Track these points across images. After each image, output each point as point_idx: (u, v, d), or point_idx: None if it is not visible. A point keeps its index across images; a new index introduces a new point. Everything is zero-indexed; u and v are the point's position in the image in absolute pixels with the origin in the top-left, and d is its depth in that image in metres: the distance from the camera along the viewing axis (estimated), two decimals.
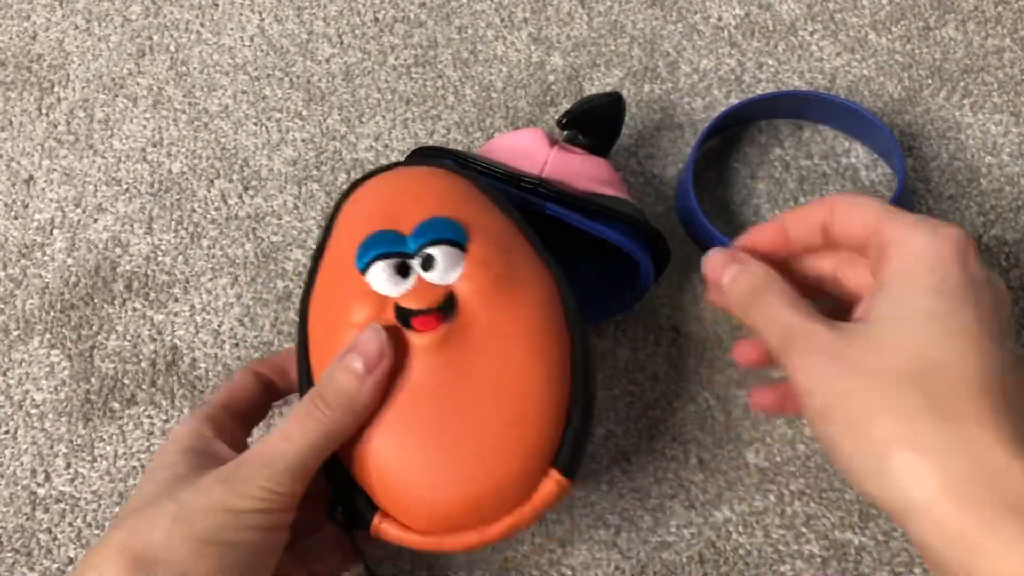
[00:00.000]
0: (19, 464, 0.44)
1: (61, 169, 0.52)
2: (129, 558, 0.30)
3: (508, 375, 0.33)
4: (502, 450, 0.33)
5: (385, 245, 0.34)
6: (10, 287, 0.49)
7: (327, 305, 0.35)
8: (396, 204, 0.36)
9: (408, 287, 0.34)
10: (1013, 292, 0.46)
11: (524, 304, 0.34)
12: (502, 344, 0.33)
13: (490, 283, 0.34)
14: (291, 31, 0.57)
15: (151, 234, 0.50)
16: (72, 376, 0.46)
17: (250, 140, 0.53)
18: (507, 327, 0.34)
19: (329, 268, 0.36)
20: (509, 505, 0.33)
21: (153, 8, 0.58)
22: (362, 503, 0.33)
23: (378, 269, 0.34)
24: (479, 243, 0.34)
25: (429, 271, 0.34)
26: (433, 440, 0.33)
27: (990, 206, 0.48)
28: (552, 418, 0.33)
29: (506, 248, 0.35)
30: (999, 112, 0.51)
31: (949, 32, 0.54)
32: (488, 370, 0.33)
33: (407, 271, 0.34)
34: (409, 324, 0.33)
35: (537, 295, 0.35)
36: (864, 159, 0.50)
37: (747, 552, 0.41)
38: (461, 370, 0.33)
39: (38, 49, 0.57)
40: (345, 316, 0.34)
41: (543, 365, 0.33)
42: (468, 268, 0.34)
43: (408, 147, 0.52)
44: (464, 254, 0.34)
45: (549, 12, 0.56)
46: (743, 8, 0.56)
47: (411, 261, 0.34)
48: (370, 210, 0.36)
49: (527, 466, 0.33)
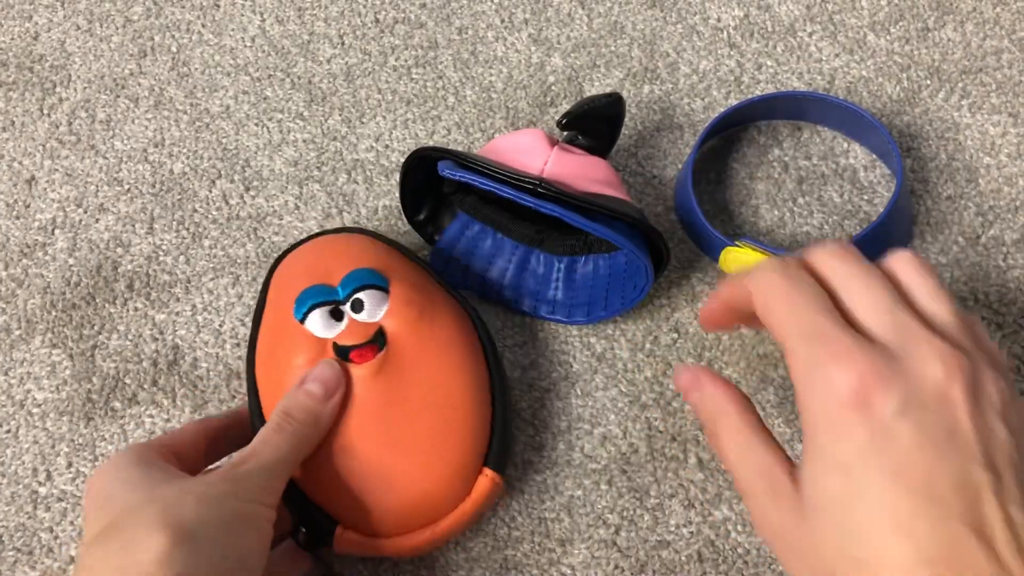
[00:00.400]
0: (20, 463, 0.45)
1: (63, 169, 0.53)
2: (170, 529, 0.30)
3: (437, 391, 0.39)
4: (440, 455, 0.38)
5: (319, 296, 0.39)
6: (12, 287, 0.49)
7: (272, 354, 0.40)
8: (323, 263, 0.41)
9: (342, 328, 0.39)
10: (1011, 293, 0.46)
11: (443, 331, 0.40)
12: (429, 366, 0.39)
13: (413, 317, 0.39)
14: (292, 32, 0.57)
15: (153, 234, 0.50)
16: (74, 375, 0.46)
17: (251, 140, 0.53)
18: (432, 352, 0.39)
19: (269, 323, 0.41)
20: (453, 503, 0.38)
21: (155, 9, 0.58)
22: (323, 519, 0.38)
23: (315, 316, 0.39)
24: (399, 285, 0.40)
25: (359, 312, 0.39)
26: (380, 453, 0.38)
27: (988, 206, 0.48)
28: (478, 424, 0.39)
29: (422, 288, 0.41)
30: (997, 113, 0.51)
31: (948, 33, 0.54)
32: (420, 389, 0.39)
33: (340, 315, 0.39)
34: (348, 358, 0.38)
35: (453, 323, 0.41)
36: (863, 160, 0.50)
37: (746, 551, 0.41)
38: (397, 391, 0.38)
39: (40, 49, 0.57)
40: (289, 361, 0.39)
41: (465, 380, 0.39)
42: (392, 306, 0.39)
43: (408, 148, 0.52)
44: (387, 295, 0.40)
45: (549, 13, 0.56)
46: (742, 9, 0.56)
47: (343, 307, 0.39)
48: (301, 271, 0.41)
49: (463, 467, 0.38)
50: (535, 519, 0.42)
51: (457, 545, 0.42)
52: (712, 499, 0.42)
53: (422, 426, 0.38)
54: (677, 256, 0.48)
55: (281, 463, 0.35)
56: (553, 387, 0.45)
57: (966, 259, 0.47)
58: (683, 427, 0.44)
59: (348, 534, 0.38)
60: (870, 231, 0.44)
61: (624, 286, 0.45)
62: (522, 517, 0.42)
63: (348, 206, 0.50)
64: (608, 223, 0.41)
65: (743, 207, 0.49)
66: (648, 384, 0.45)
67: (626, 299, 0.44)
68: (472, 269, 0.47)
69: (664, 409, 0.44)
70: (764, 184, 0.50)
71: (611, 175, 0.44)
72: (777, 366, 0.45)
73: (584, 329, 0.46)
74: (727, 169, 0.50)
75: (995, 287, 0.46)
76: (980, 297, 0.46)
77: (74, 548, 0.43)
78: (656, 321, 0.46)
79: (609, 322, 0.46)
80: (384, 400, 0.38)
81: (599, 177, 0.43)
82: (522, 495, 0.43)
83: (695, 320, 0.46)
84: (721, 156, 0.51)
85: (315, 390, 0.37)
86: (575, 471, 0.43)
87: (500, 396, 0.41)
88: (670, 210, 0.50)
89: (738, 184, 0.50)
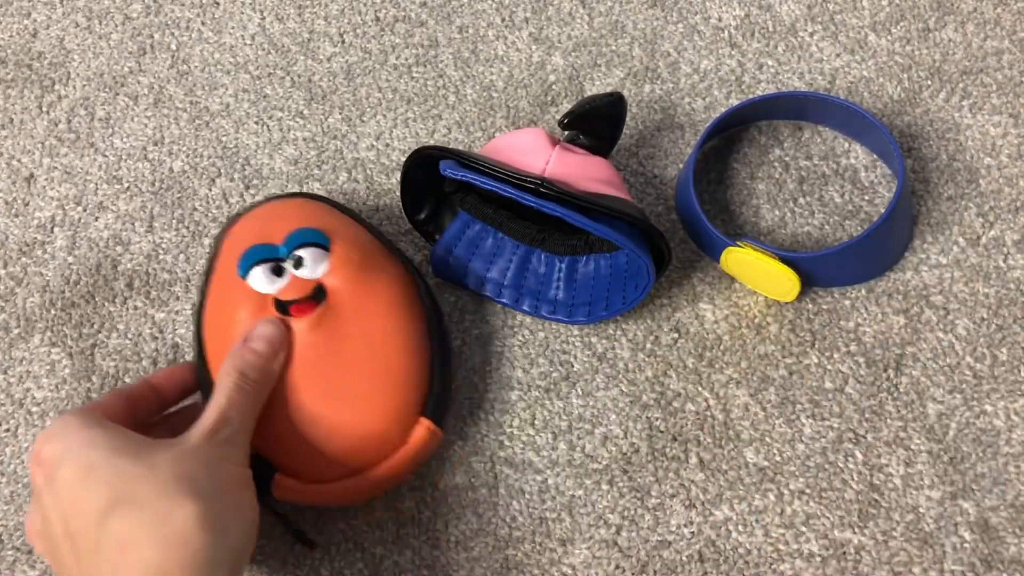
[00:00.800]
0: (20, 462, 0.44)
1: (62, 167, 0.52)
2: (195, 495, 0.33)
3: (374, 343, 0.40)
4: (376, 403, 0.40)
5: (261, 253, 0.41)
6: (11, 285, 0.49)
7: (217, 311, 0.42)
8: (268, 225, 0.43)
9: (284, 284, 0.41)
10: (1011, 294, 0.46)
11: (383, 287, 0.42)
12: (367, 320, 0.41)
13: (352, 273, 0.41)
14: (292, 30, 0.57)
15: (152, 232, 0.50)
16: (73, 374, 0.46)
17: (251, 139, 0.53)
18: (370, 306, 0.41)
19: (216, 282, 0.42)
20: (389, 450, 0.40)
21: (154, 6, 0.58)
22: (261, 466, 0.39)
23: (257, 272, 0.41)
24: (340, 244, 0.42)
25: (300, 269, 0.41)
26: (317, 402, 0.39)
27: (989, 207, 0.48)
28: (415, 376, 0.41)
29: (363, 247, 0.43)
30: (998, 113, 0.51)
31: (948, 34, 0.54)
32: (358, 341, 0.40)
33: (282, 272, 0.41)
34: (288, 312, 0.40)
35: (393, 280, 0.42)
36: (863, 160, 0.50)
37: (747, 551, 0.41)
38: (335, 344, 0.40)
39: (39, 47, 0.57)
40: (233, 316, 0.41)
41: (403, 333, 0.41)
42: (333, 263, 0.41)
43: (409, 146, 0.52)
44: (328, 253, 0.41)
45: (550, 12, 0.56)
46: (743, 9, 0.56)
47: (284, 264, 0.41)
48: (248, 232, 0.43)
49: (399, 415, 0.40)
50: (536, 519, 0.42)
51: (458, 544, 0.42)
52: (713, 499, 0.42)
53: (358, 376, 0.40)
54: (678, 256, 0.48)
55: (248, 423, 0.37)
56: (554, 387, 0.45)
57: (966, 260, 0.47)
58: (684, 427, 0.44)
59: (286, 481, 0.39)
60: (871, 231, 0.44)
61: (625, 286, 0.45)
62: (523, 517, 0.42)
63: (348, 205, 0.50)
64: (610, 223, 0.41)
65: (744, 207, 0.49)
66: (649, 384, 0.45)
67: (627, 299, 0.44)
68: (473, 268, 0.47)
69: (665, 409, 0.44)
70: (765, 184, 0.50)
71: (612, 175, 0.44)
72: (778, 366, 0.45)
73: (585, 329, 0.46)
74: (728, 169, 0.50)
75: (995, 287, 0.46)
76: (980, 298, 0.46)
77: None
78: (657, 321, 0.46)
79: (610, 322, 0.46)
80: (322, 352, 0.40)
81: (600, 177, 0.43)
82: (523, 495, 0.43)
83: (696, 320, 0.46)
84: (722, 156, 0.51)
85: (262, 348, 0.39)
86: (576, 471, 0.43)
87: (439, 353, 0.42)
88: (671, 210, 0.50)
89: (739, 184, 0.50)
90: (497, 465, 0.44)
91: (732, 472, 0.43)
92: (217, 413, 0.36)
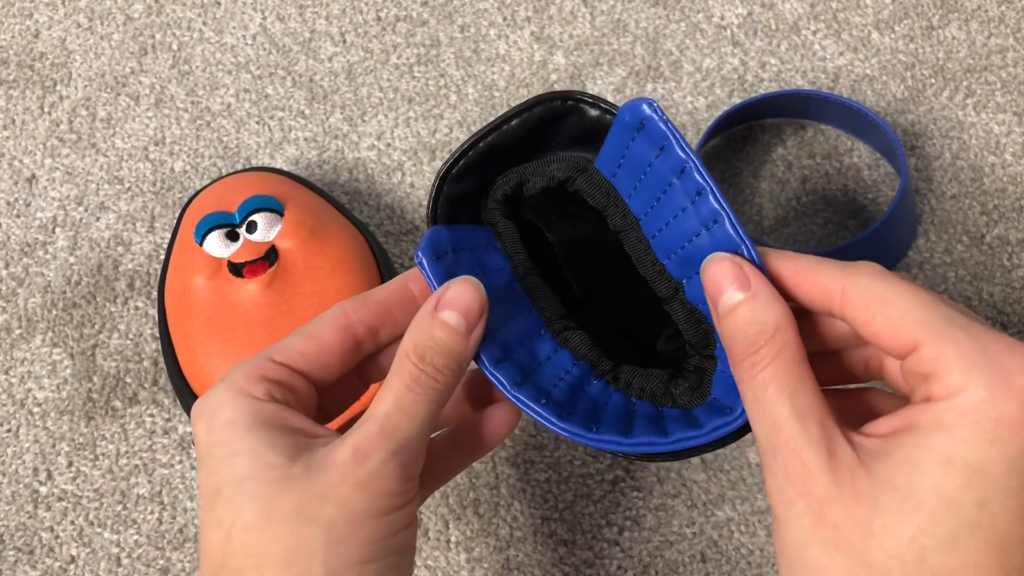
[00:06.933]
0: (21, 462, 0.44)
1: (63, 167, 0.52)
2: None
3: (325, 303, 0.41)
4: None
5: (216, 220, 0.43)
6: (12, 285, 0.49)
7: (176, 277, 0.43)
8: (224, 195, 0.44)
9: (237, 247, 0.42)
10: (1016, 293, 0.46)
11: (334, 250, 0.43)
12: (319, 281, 0.42)
13: (304, 236, 0.42)
14: (293, 29, 0.56)
15: (153, 232, 0.50)
16: (74, 374, 0.46)
17: (252, 139, 0.53)
18: (322, 268, 0.42)
19: (177, 252, 0.44)
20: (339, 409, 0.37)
21: (155, 6, 0.58)
22: None
23: (212, 237, 0.42)
24: (293, 209, 0.43)
25: (253, 233, 0.42)
26: None
27: (993, 206, 0.48)
28: None
29: (315, 212, 0.44)
30: (1002, 112, 0.51)
31: (952, 31, 0.54)
32: (309, 300, 0.41)
33: (236, 237, 0.43)
34: (241, 273, 0.42)
35: (346, 243, 0.44)
36: (867, 158, 0.50)
37: (749, 551, 0.41)
38: (287, 304, 0.41)
39: (40, 47, 0.57)
40: (190, 281, 0.42)
41: (356, 291, 0.42)
42: (285, 227, 0.43)
43: (410, 146, 0.52)
44: (281, 217, 0.43)
45: (552, 11, 0.56)
46: (746, 7, 0.55)
47: (239, 229, 0.43)
48: (206, 203, 0.44)
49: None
50: (537, 519, 0.42)
51: (459, 545, 0.42)
52: (715, 499, 0.42)
53: None
54: None
55: (420, 436, 0.27)
56: None
57: (970, 259, 0.47)
58: None
59: None
60: (874, 230, 0.44)
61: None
62: (524, 517, 0.42)
63: (349, 204, 0.50)
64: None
65: (747, 206, 0.49)
66: None
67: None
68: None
69: None
70: (768, 183, 0.50)
71: None
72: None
73: None
74: (731, 168, 0.50)
75: (999, 287, 0.46)
76: (984, 297, 0.46)
77: (75, 548, 0.42)
78: None
79: None
80: (274, 311, 0.41)
81: None
82: (524, 495, 0.43)
83: None
84: (725, 155, 0.51)
85: (455, 323, 0.27)
86: (578, 471, 0.43)
87: None
88: None
89: (742, 183, 0.50)
90: (498, 465, 0.43)
91: (734, 472, 0.43)
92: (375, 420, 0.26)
